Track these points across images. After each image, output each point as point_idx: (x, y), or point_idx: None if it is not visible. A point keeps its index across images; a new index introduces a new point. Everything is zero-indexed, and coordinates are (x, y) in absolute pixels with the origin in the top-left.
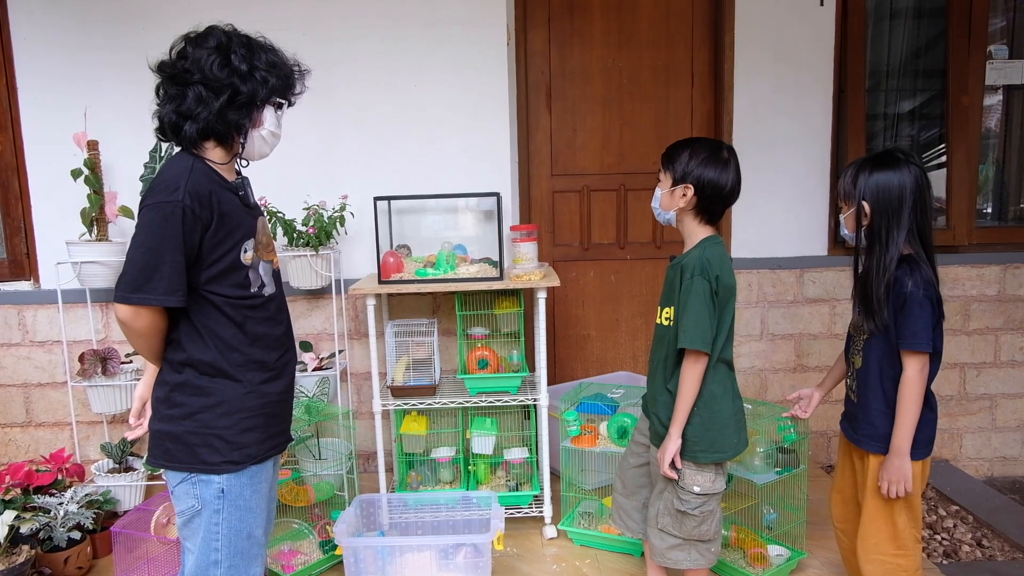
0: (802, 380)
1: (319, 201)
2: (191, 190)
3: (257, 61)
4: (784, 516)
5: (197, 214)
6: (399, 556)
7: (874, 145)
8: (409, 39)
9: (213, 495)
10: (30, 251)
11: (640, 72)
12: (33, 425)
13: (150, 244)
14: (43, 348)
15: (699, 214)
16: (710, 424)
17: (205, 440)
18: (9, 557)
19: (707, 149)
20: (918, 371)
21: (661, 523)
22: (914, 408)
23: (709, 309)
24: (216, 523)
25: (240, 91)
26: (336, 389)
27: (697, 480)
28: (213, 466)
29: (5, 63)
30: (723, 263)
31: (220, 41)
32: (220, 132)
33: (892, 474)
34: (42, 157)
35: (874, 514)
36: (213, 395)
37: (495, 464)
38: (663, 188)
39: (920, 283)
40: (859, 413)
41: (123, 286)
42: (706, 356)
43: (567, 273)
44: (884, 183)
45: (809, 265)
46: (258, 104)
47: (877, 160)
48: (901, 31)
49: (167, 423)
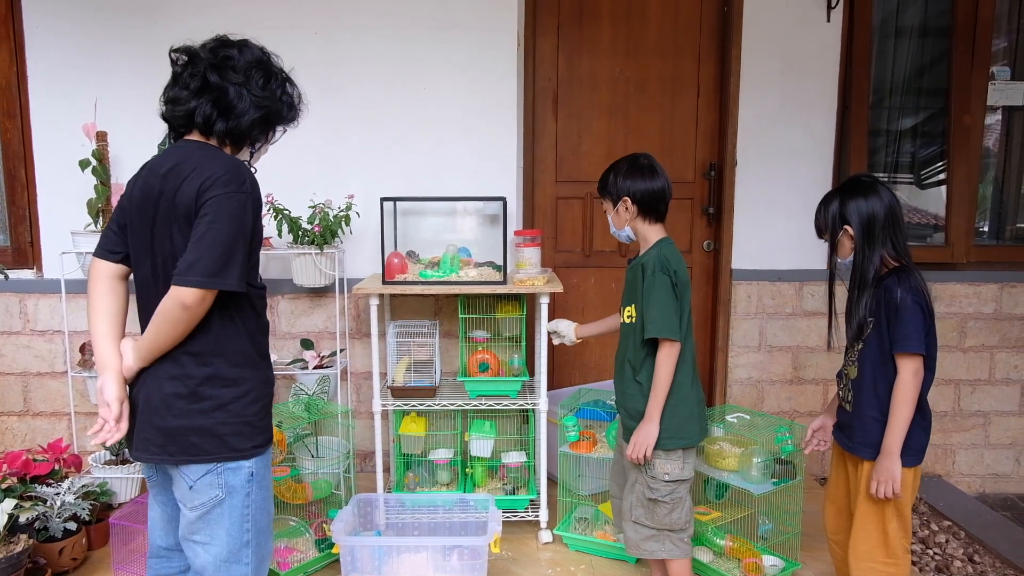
0: (799, 392)
1: (325, 200)
2: (252, 184)
3: (289, 90)
4: (780, 527)
5: (256, 207)
6: (396, 556)
7: (875, 161)
8: (419, 41)
9: (243, 480)
10: (34, 240)
11: (647, 81)
12: (31, 414)
13: (230, 231)
14: (43, 337)
15: (646, 217)
16: (676, 412)
17: (236, 429)
18: (7, 546)
19: (627, 164)
20: (912, 373)
21: (635, 515)
22: (907, 410)
23: (673, 301)
24: (247, 506)
25: (274, 113)
26: (336, 388)
27: (666, 468)
28: (244, 452)
29: (16, 52)
30: (679, 260)
31: (261, 59)
32: (240, 138)
33: (882, 474)
34: (50, 146)
35: (865, 520)
36: (245, 383)
37: (493, 467)
38: (609, 212)
39: (909, 289)
40: (854, 422)
41: (200, 270)
42: (678, 344)
43: (568, 279)
44: (862, 206)
45: (809, 278)
46: (274, 127)
47: (845, 188)
48: (905, 49)
49: (190, 418)
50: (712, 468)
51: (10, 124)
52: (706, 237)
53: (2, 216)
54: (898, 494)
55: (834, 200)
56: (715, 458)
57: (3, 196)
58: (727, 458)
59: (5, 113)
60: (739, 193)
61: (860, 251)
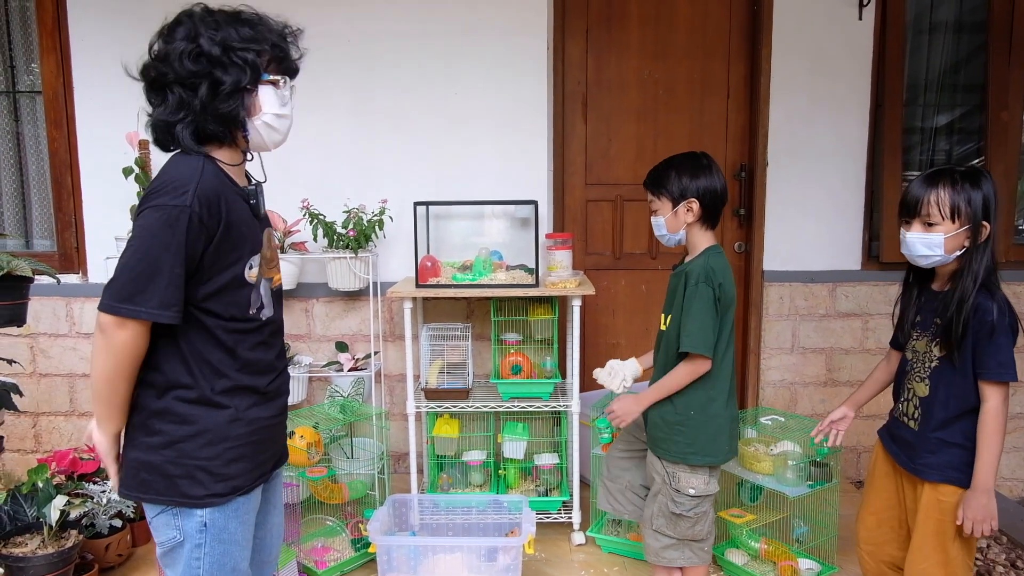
0: (832, 394)
1: (359, 204)
2: (201, 194)
3: (232, 40)
4: (815, 530)
5: (204, 222)
6: (431, 556)
7: (909, 159)
8: (450, 46)
9: (195, 528)
10: (79, 245)
11: (676, 83)
12: (76, 414)
13: (148, 250)
14: (88, 340)
15: (704, 223)
16: (705, 428)
17: (187, 471)
18: (58, 541)
19: (689, 162)
20: (1001, 401)
21: (656, 524)
22: (998, 440)
23: (713, 315)
24: (198, 558)
25: (221, 80)
26: (370, 390)
27: (692, 483)
28: (196, 500)
29: (63, 63)
30: (726, 272)
31: (188, 29)
32: (216, 132)
33: (977, 512)
34: (94, 154)
35: (923, 542)
36: (196, 423)
37: (525, 469)
38: (664, 213)
39: (1005, 310)
40: (918, 442)
41: (111, 293)
42: (707, 361)
43: (599, 282)
44: (995, 200)
45: (842, 279)
46: (247, 88)
47: (976, 175)
48: (940, 45)
49: (143, 452)
50: (746, 471)
51: (57, 133)
52: (737, 239)
53: (49, 222)
54: (995, 530)
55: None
56: (750, 460)
57: (50, 203)
58: (762, 461)
59: (52, 123)
60: (770, 194)
61: (980, 253)
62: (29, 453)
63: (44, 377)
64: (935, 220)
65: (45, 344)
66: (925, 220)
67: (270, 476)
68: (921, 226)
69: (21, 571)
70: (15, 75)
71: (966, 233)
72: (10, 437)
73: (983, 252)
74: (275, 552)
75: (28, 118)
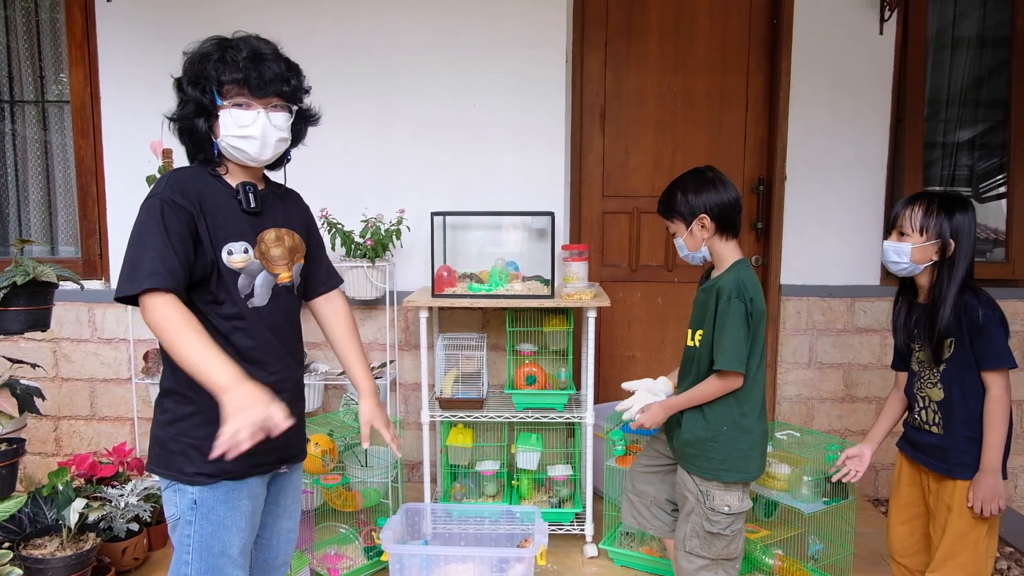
0: (850, 411)
1: (376, 214)
2: (172, 184)
3: (186, 76)
4: (830, 547)
5: (179, 203)
6: (443, 566)
7: (930, 175)
8: (470, 58)
9: (187, 505)
10: (103, 252)
11: (695, 96)
12: (96, 418)
13: (135, 239)
14: (110, 345)
15: (723, 234)
16: (738, 443)
17: (183, 449)
18: (77, 544)
19: (693, 179)
20: (1003, 389)
21: (689, 546)
22: (1002, 425)
23: (745, 331)
24: (188, 535)
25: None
26: (385, 398)
27: (727, 500)
28: (186, 476)
29: (91, 74)
30: (757, 287)
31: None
32: (194, 151)
33: (986, 492)
34: (119, 163)
35: (953, 541)
36: (195, 403)
37: (539, 480)
38: (682, 234)
39: (989, 305)
40: (948, 444)
41: (117, 286)
42: (740, 377)
43: (614, 293)
44: (966, 223)
45: (861, 294)
46: (209, 114)
47: (951, 200)
48: (962, 60)
49: (158, 427)
50: (761, 487)
51: (83, 142)
52: (755, 252)
53: (74, 229)
54: (1003, 509)
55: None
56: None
57: (76, 210)
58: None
59: (79, 132)
60: (788, 207)
61: (949, 266)
62: (50, 456)
63: (66, 381)
64: (907, 231)
65: (68, 349)
66: (899, 231)
67: (271, 473)
68: (896, 236)
69: (40, 573)
70: (44, 85)
71: (934, 247)
72: (32, 440)
73: (952, 266)
74: (284, 557)
75: (56, 127)
